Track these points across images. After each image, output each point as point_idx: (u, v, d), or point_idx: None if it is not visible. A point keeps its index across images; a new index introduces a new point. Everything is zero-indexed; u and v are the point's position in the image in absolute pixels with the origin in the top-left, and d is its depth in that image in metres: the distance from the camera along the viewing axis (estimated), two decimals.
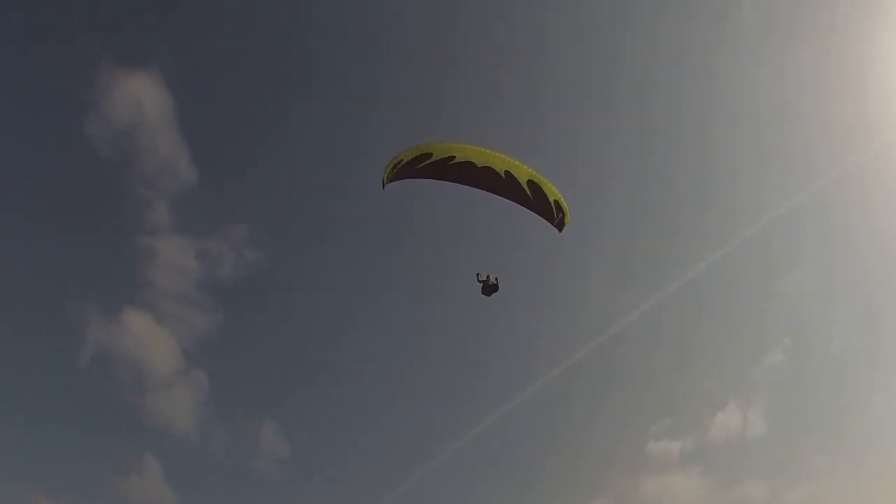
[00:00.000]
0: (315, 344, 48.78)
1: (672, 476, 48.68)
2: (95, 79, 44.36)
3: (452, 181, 21.16)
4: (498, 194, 21.37)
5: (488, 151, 20.97)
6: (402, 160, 21.15)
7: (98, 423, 44.18)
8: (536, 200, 21.27)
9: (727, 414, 52.76)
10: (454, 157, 21.03)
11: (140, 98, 43.81)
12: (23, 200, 44.58)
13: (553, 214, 21.56)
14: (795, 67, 58.29)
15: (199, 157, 46.12)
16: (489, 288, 23.39)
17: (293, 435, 48.02)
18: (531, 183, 21.18)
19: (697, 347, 57.22)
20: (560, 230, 21.86)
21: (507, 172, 21.02)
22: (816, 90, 59.70)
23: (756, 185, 59.68)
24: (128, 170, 45.84)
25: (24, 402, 42.87)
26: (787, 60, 58.10)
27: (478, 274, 23.50)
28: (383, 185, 21.41)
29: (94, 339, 42.79)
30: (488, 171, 20.93)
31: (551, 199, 21.37)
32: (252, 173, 49.26)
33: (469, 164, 20.96)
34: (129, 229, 46.16)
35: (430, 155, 21.14)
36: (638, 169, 59.59)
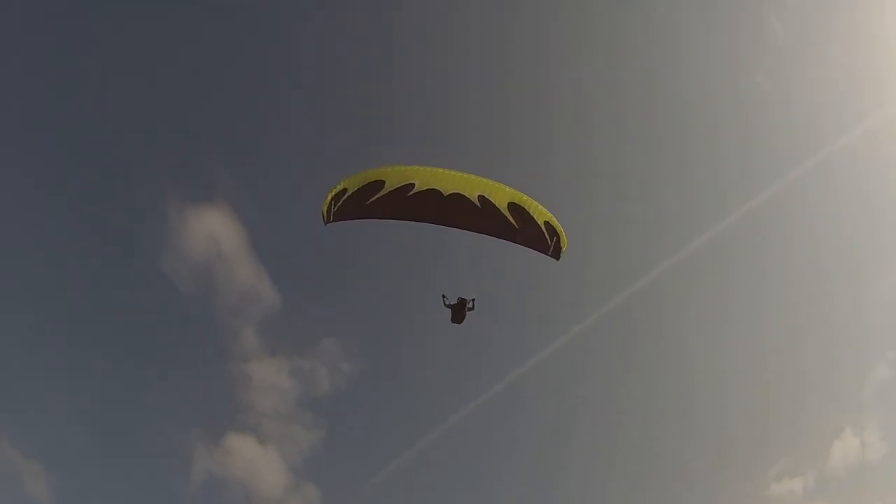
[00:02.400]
0: (420, 442, 47.88)
1: None
2: (167, 218, 44.12)
3: (413, 220, 16.68)
4: (472, 230, 16.94)
5: (455, 173, 16.43)
6: (345, 189, 16.59)
7: None
8: (522, 227, 16.84)
9: (844, 441, 48.91)
10: (413, 184, 16.49)
11: (212, 232, 43.45)
12: (113, 343, 44.24)
13: (546, 241, 17.17)
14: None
15: (279, 281, 45.21)
16: (459, 312, 18.46)
17: None
18: (513, 206, 16.71)
19: (801, 377, 53.93)
20: (557, 258, 17.54)
21: (481, 198, 16.53)
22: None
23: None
24: (211, 302, 45.46)
25: None
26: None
27: (444, 297, 18.47)
28: (324, 220, 16.89)
29: (200, 466, 41.75)
30: (458, 199, 16.44)
31: (541, 222, 16.95)
32: (334, 287, 49.54)
33: (433, 193, 16.44)
34: (222, 358, 45.59)
35: (382, 184, 16.57)
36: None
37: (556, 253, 17.39)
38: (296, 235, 48.46)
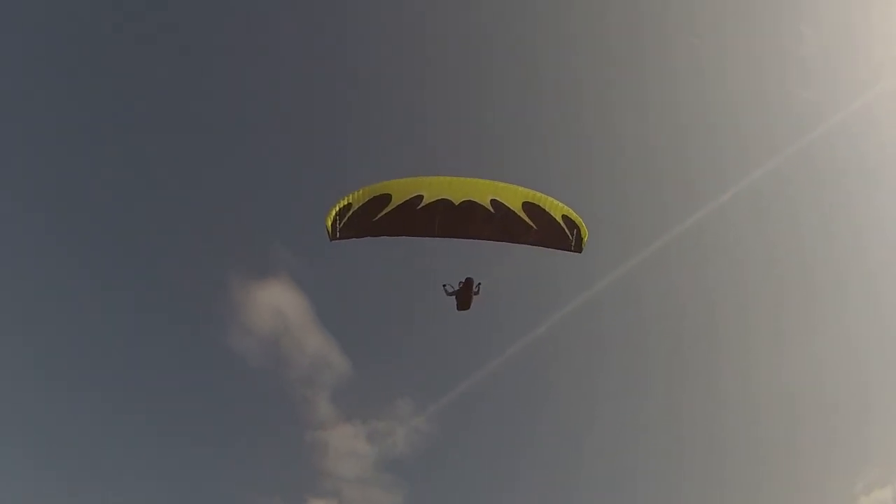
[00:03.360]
0: (507, 494, 49.05)
1: None
2: (230, 296, 45.08)
3: (424, 235, 15.94)
4: (487, 238, 16.18)
5: (464, 180, 15.64)
6: (350, 204, 15.86)
7: None
8: (540, 227, 16.09)
9: None
10: (422, 196, 15.74)
11: (277, 305, 44.33)
12: (189, 421, 45.48)
13: (566, 236, 16.43)
14: None
15: (348, 347, 46.25)
16: (466, 297, 17.60)
17: None
18: (528, 205, 15.94)
19: (873, 381, 51.99)
20: (580, 251, 16.83)
21: (494, 202, 15.75)
22: None
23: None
24: (282, 375, 46.71)
25: None
26: None
27: (445, 286, 17.61)
28: (329, 236, 16.14)
29: None
30: (470, 206, 15.67)
31: (558, 217, 16.19)
32: (401, 348, 50.13)
33: (443, 204, 15.68)
34: (298, 428, 46.90)
35: (389, 198, 15.86)
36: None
37: (578, 246, 16.67)
38: (359, 300, 48.98)
